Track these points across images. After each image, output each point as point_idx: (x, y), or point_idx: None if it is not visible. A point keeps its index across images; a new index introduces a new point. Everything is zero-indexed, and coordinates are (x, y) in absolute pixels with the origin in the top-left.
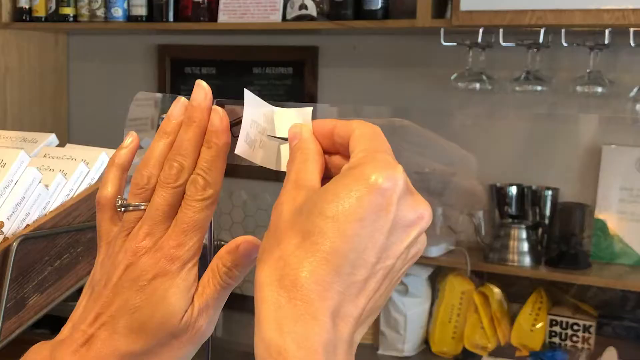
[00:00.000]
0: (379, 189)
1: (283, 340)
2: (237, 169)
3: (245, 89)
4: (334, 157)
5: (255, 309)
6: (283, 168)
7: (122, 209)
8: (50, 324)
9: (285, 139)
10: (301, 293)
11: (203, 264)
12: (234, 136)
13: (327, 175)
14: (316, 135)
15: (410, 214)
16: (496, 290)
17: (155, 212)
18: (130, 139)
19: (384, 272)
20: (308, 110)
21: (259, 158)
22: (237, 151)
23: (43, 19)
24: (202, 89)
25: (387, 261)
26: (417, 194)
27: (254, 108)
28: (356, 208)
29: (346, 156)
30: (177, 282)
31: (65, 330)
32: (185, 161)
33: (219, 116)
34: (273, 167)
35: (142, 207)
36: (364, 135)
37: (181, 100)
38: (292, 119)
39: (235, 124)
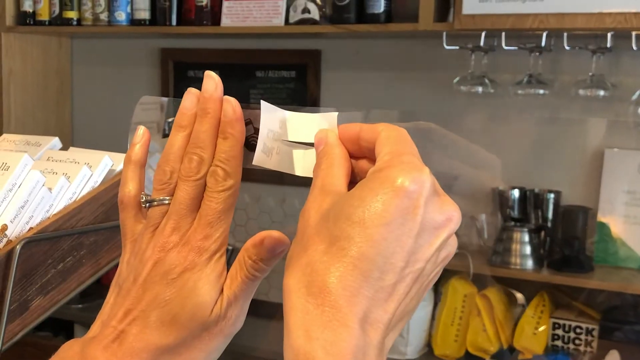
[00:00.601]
0: (405, 191)
1: (311, 346)
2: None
3: (262, 101)
4: (360, 161)
5: (284, 316)
6: (296, 172)
7: (147, 204)
8: (53, 327)
9: (300, 143)
10: (329, 299)
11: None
12: None
13: (353, 180)
14: (342, 140)
15: (438, 216)
16: (500, 293)
17: (180, 206)
18: (141, 133)
19: (413, 276)
20: (334, 115)
21: (274, 164)
22: (255, 162)
23: (46, 23)
24: (212, 79)
25: (416, 265)
26: (445, 195)
27: (270, 117)
28: (382, 212)
29: (373, 160)
30: (207, 273)
31: (94, 327)
32: (204, 153)
33: (232, 106)
34: (287, 171)
35: (167, 202)
36: (390, 138)
37: (192, 91)
38: (317, 123)
39: None
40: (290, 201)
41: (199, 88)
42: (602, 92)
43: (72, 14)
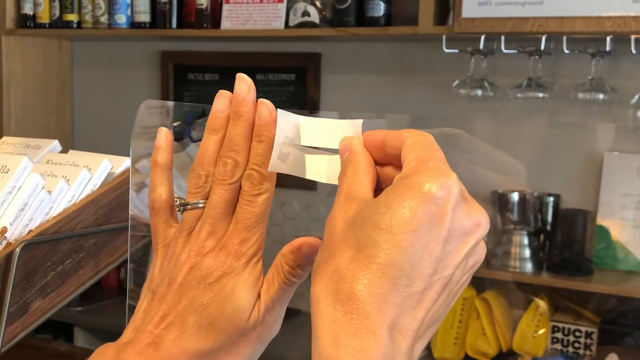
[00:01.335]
0: (432, 197)
1: (339, 354)
2: None
3: (278, 109)
4: (385, 168)
5: (312, 323)
6: (308, 176)
7: (181, 208)
8: (53, 329)
9: (323, 150)
10: (357, 307)
11: None
12: None
13: (379, 187)
14: (367, 147)
15: (466, 222)
16: (498, 296)
17: (215, 210)
18: (164, 136)
19: (442, 282)
20: (359, 122)
21: (287, 169)
22: (270, 168)
23: (47, 26)
24: (244, 82)
25: (444, 271)
26: (473, 201)
27: (286, 122)
28: (410, 218)
29: (398, 167)
30: (244, 277)
31: (128, 333)
32: (238, 157)
33: (268, 109)
34: (300, 175)
35: (201, 205)
36: (416, 143)
37: (224, 93)
38: (341, 130)
39: None
40: (316, 207)
41: (199, 90)
42: (601, 96)
43: (72, 17)
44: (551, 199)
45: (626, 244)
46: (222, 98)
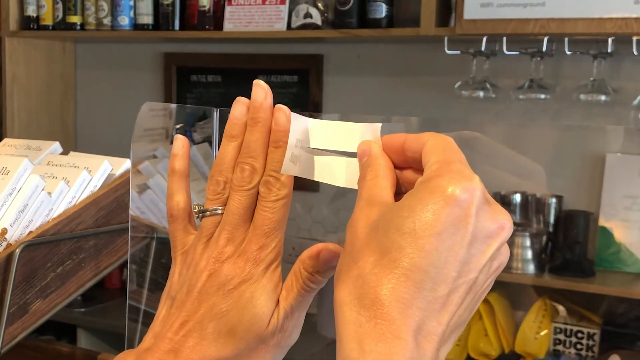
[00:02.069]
0: (455, 200)
1: None
2: None
3: (292, 112)
4: (405, 172)
5: (336, 329)
6: (339, 183)
7: (200, 214)
8: (56, 331)
9: (339, 153)
10: (382, 311)
11: None
12: None
13: (398, 191)
14: (386, 151)
15: (490, 225)
16: (502, 299)
17: (233, 217)
18: (180, 144)
19: (466, 286)
20: (377, 125)
21: (300, 172)
22: (283, 171)
23: (50, 27)
24: (261, 88)
25: (469, 275)
26: (495, 204)
27: (298, 125)
28: (433, 222)
29: (418, 170)
30: (263, 284)
31: (147, 340)
32: (256, 163)
33: (285, 115)
34: (313, 178)
35: (219, 212)
36: (437, 146)
37: (241, 100)
38: (360, 134)
39: None
40: (318, 209)
41: (202, 92)
42: (603, 97)
43: (75, 19)
44: (553, 200)
45: (628, 245)
46: (239, 105)
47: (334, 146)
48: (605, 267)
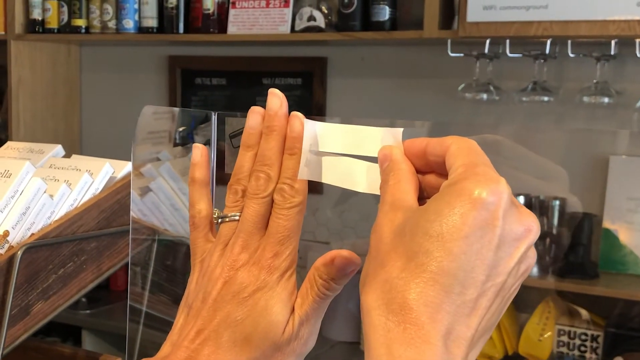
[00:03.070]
0: (483, 203)
1: None
2: None
3: (305, 119)
4: (427, 176)
5: (364, 334)
6: (359, 188)
7: (219, 220)
8: (61, 332)
9: (358, 157)
10: (410, 316)
11: None
12: (234, 147)
13: (421, 196)
14: (408, 155)
15: (517, 228)
16: None
17: (248, 224)
18: (199, 152)
19: (494, 290)
20: (399, 130)
21: (315, 176)
22: (299, 176)
23: (55, 31)
24: (276, 97)
25: (497, 278)
26: (522, 206)
27: (315, 131)
28: (461, 225)
29: (441, 174)
30: (278, 292)
31: (165, 348)
32: (270, 171)
33: (300, 122)
34: (331, 183)
35: (238, 218)
36: (461, 149)
37: (256, 109)
38: (381, 139)
39: (234, 135)
40: (322, 211)
41: (206, 95)
42: (606, 99)
43: (80, 22)
44: (557, 202)
45: (632, 247)
46: (254, 114)
47: (353, 151)
48: (609, 269)
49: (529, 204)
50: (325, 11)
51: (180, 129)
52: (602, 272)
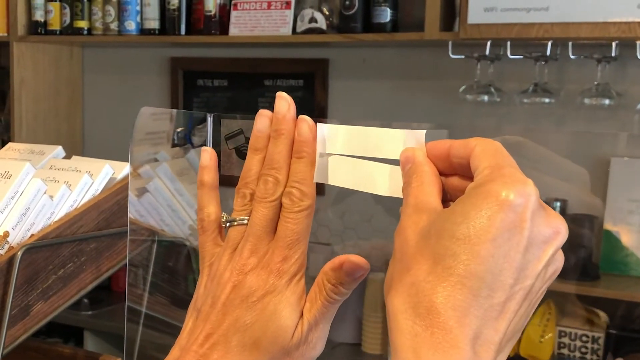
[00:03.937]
0: (510, 205)
1: None
2: (232, 179)
3: (317, 124)
4: (451, 178)
5: (390, 339)
6: (380, 191)
7: (227, 224)
8: (63, 333)
9: (378, 160)
10: (438, 320)
11: None
12: (230, 148)
13: (444, 199)
14: (430, 158)
15: (545, 230)
16: None
17: (256, 228)
18: (208, 156)
19: (523, 293)
20: (421, 132)
21: (333, 180)
22: (316, 180)
23: (58, 32)
24: (284, 100)
25: (525, 281)
26: (549, 208)
27: (332, 134)
28: (488, 227)
29: (464, 176)
30: (287, 296)
31: (174, 352)
32: (279, 174)
33: (308, 125)
34: (347, 187)
35: (246, 222)
36: (486, 151)
37: (264, 113)
38: (403, 141)
39: (230, 136)
40: (323, 212)
41: (208, 96)
42: (607, 101)
43: (82, 24)
44: (558, 204)
45: (633, 248)
46: (262, 118)
47: (373, 153)
48: (610, 270)
49: None
50: (327, 13)
51: (178, 130)
52: (603, 273)
